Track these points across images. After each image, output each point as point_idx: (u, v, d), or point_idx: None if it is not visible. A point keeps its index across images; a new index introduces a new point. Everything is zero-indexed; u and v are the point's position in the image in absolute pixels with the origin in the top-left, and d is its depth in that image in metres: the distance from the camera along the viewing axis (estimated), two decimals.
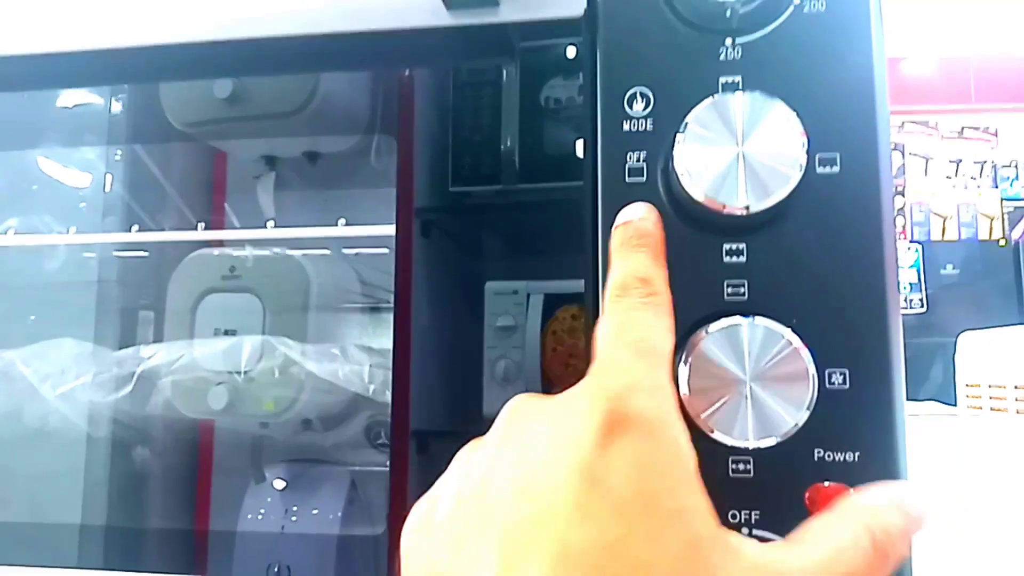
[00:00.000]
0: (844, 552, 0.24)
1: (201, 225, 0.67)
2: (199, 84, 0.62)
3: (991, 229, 3.59)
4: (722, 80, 0.32)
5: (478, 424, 0.63)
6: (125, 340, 0.69)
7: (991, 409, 1.43)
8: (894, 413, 0.29)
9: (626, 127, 0.32)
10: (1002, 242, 3.47)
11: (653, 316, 0.27)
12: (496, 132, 0.62)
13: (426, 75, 0.63)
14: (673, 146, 0.30)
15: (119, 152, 0.71)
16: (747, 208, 0.29)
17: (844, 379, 0.29)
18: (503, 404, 0.65)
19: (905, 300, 3.28)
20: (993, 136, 3.69)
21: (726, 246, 0.31)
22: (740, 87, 0.31)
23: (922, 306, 3.31)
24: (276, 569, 0.58)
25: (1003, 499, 1.00)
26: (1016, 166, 3.66)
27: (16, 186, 0.71)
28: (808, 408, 0.27)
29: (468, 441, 0.68)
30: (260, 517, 0.66)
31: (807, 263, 0.30)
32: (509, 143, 0.61)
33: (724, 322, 0.29)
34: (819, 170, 0.30)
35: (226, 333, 0.64)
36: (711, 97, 0.30)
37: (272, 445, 0.70)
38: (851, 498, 0.26)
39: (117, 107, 0.70)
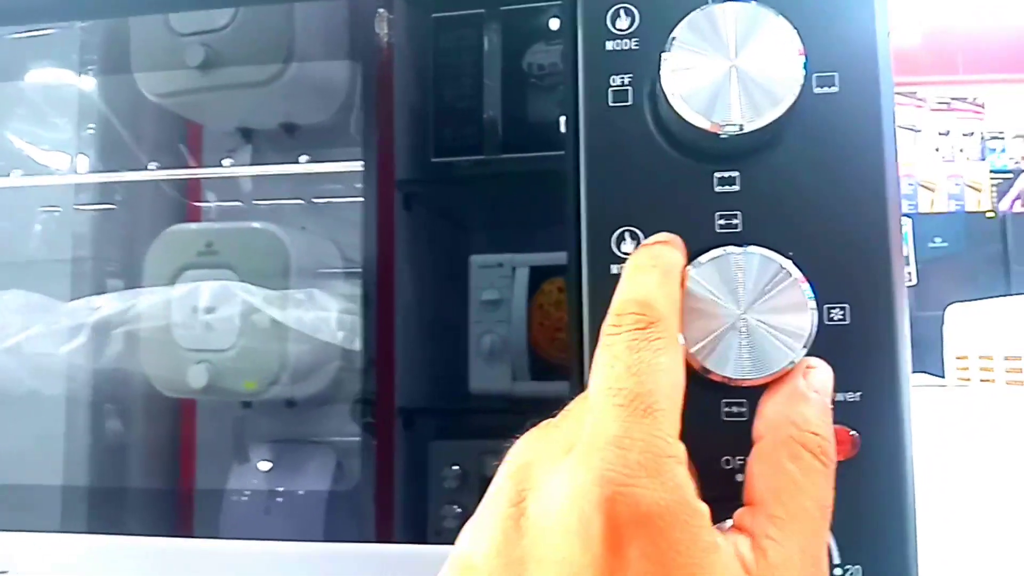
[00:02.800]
0: (801, 488, 0.24)
1: (154, 164, 0.64)
2: (170, 53, 0.60)
3: (979, 201, 3.61)
4: None
5: (464, 400, 0.63)
6: None
7: (980, 381, 1.44)
8: (897, 350, 0.27)
9: (609, 47, 0.30)
10: (990, 214, 3.48)
11: (651, 355, 0.24)
12: (478, 100, 0.60)
13: (405, 42, 0.61)
14: (660, 65, 0.28)
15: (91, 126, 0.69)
16: (740, 127, 0.27)
17: (844, 314, 0.27)
18: (489, 379, 0.64)
19: None
20: (980, 107, 3.69)
21: (718, 174, 0.29)
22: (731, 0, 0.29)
23: (911, 279, 3.32)
24: None
25: (992, 471, 1.01)
26: (1003, 137, 3.67)
27: None
28: (807, 344, 0.25)
29: (453, 419, 0.67)
30: (245, 498, 0.65)
31: (804, 191, 0.28)
32: (491, 112, 0.60)
33: (715, 252, 0.27)
34: (816, 90, 0.29)
35: (206, 312, 0.62)
36: (700, 8, 0.28)
37: (255, 423, 0.69)
38: (765, 419, 0.25)
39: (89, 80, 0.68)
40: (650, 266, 0.26)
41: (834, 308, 0.28)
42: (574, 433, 0.24)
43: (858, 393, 0.27)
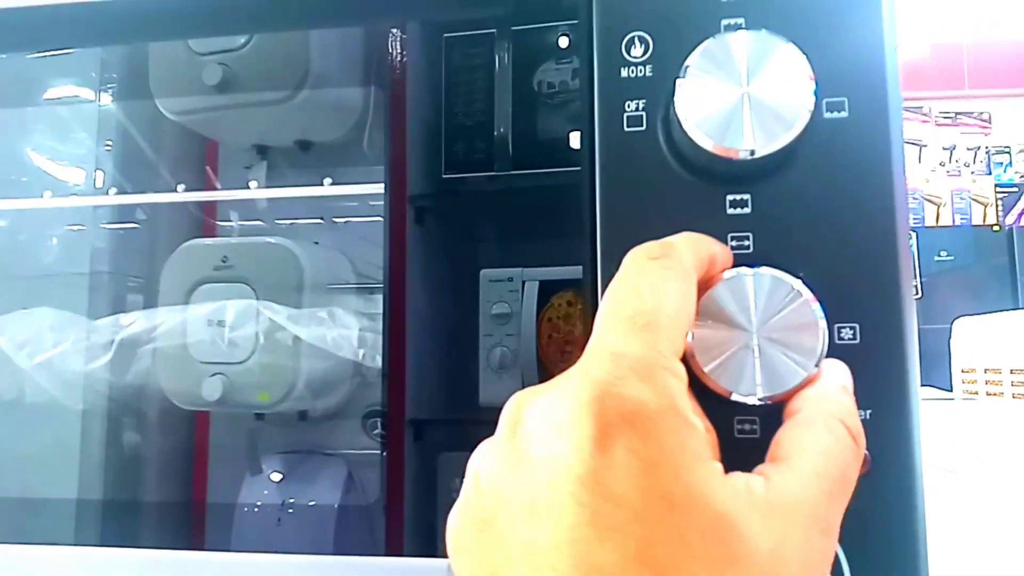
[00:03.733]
0: (831, 452, 0.24)
1: (182, 187, 0.66)
2: (189, 72, 0.61)
3: (985, 215, 3.60)
4: (724, 22, 0.30)
5: (474, 412, 0.63)
6: None
7: (987, 394, 1.44)
8: (906, 369, 0.28)
9: (624, 74, 0.31)
10: (996, 227, 3.48)
11: (659, 280, 0.25)
12: (489, 117, 0.61)
13: (419, 61, 0.62)
14: (674, 91, 0.29)
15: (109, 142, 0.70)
16: (752, 152, 0.28)
17: (854, 334, 0.28)
18: (499, 392, 0.64)
19: None
20: (986, 122, 3.69)
21: (730, 197, 0.29)
22: (743, 29, 0.30)
23: (917, 293, 3.31)
24: None
25: (1000, 483, 1.00)
26: (1009, 151, 3.67)
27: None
28: (818, 363, 0.26)
29: (464, 431, 0.68)
30: (256, 510, 0.65)
31: (814, 214, 0.29)
32: (502, 129, 0.61)
33: (728, 273, 0.27)
34: (826, 115, 0.29)
35: (219, 324, 0.63)
36: (713, 37, 0.29)
37: (268, 434, 0.70)
38: (806, 396, 0.26)
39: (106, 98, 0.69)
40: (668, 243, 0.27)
41: (844, 327, 0.28)
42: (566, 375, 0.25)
43: (868, 411, 0.28)
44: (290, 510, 0.65)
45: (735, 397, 0.26)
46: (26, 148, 0.71)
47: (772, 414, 0.27)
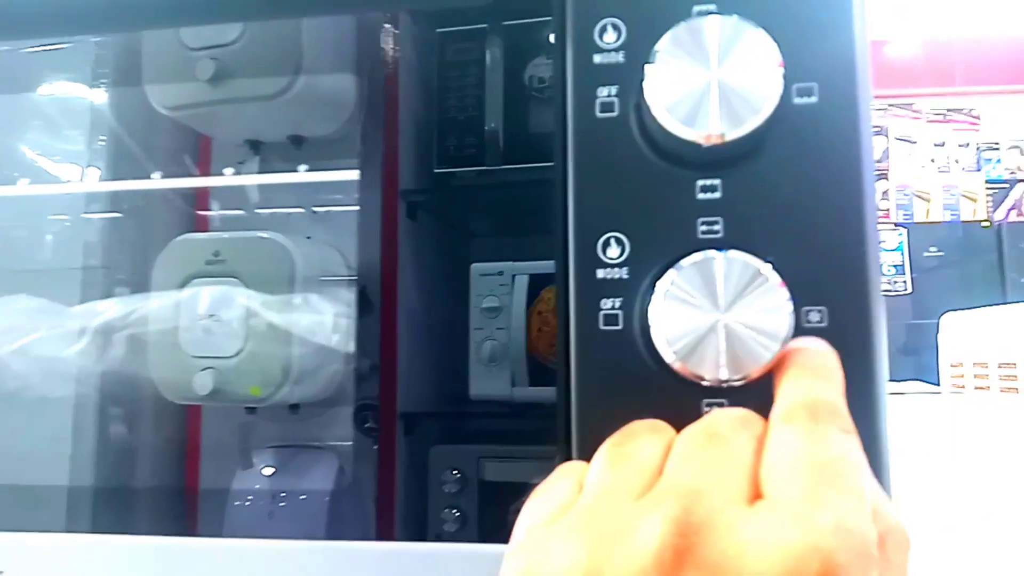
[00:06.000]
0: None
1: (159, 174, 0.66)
2: (181, 67, 0.61)
3: (974, 211, 3.62)
4: (696, 8, 0.30)
5: (465, 405, 0.64)
6: None
7: (975, 388, 1.45)
8: (873, 352, 0.28)
9: (597, 60, 0.31)
10: (985, 223, 3.50)
11: (858, 454, 0.23)
12: (480, 112, 0.62)
13: (410, 56, 0.63)
14: (644, 76, 0.29)
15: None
16: (722, 136, 0.28)
17: (822, 317, 0.28)
18: (489, 385, 0.65)
19: (890, 282, 3.31)
20: (976, 119, 3.71)
21: (700, 182, 0.29)
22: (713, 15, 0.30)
23: (906, 288, 3.33)
24: None
25: (987, 477, 1.01)
26: (999, 148, 3.69)
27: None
28: (783, 345, 0.26)
29: (454, 423, 0.68)
30: (248, 503, 0.66)
31: (783, 198, 0.29)
32: (493, 124, 0.61)
33: (696, 256, 0.27)
34: (796, 100, 0.29)
35: (211, 318, 0.63)
36: (682, 22, 0.29)
37: (259, 428, 0.70)
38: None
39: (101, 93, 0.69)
40: (827, 372, 0.26)
41: (812, 311, 0.28)
42: (750, 469, 0.23)
43: None
44: (281, 503, 0.65)
45: (702, 379, 0.27)
46: (17, 143, 0.71)
47: (740, 395, 0.27)
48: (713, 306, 0.27)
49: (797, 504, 0.21)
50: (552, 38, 0.34)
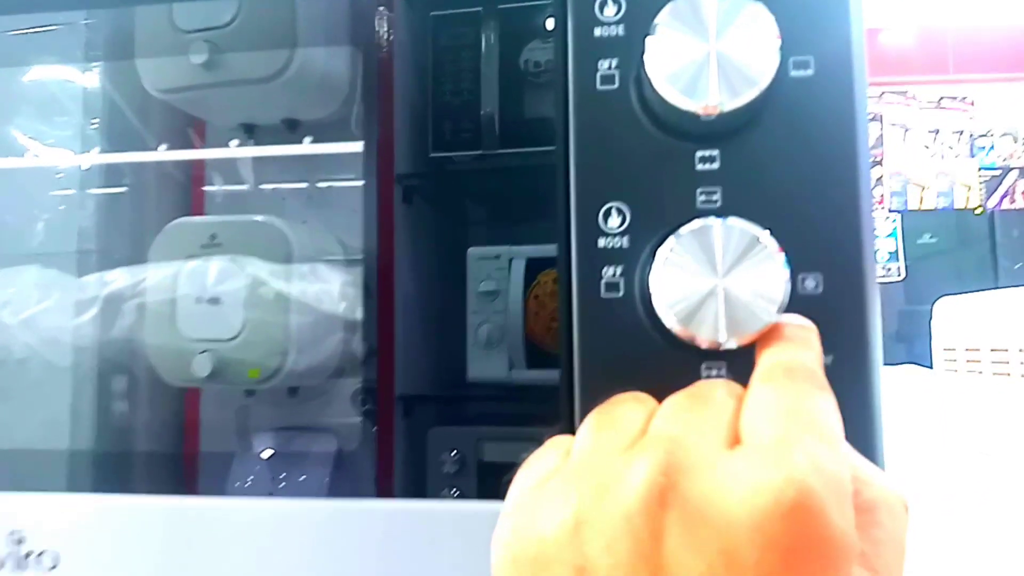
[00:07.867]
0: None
1: (163, 147, 0.66)
2: (174, 49, 0.61)
3: (968, 198, 3.64)
4: None
5: (462, 388, 0.64)
6: None
7: (967, 372, 1.46)
8: (867, 318, 0.29)
9: (597, 33, 0.32)
10: (978, 210, 3.52)
11: (834, 410, 0.24)
12: (476, 97, 0.62)
13: (405, 39, 0.63)
14: (644, 49, 0.29)
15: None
16: (720, 107, 0.28)
17: (817, 284, 0.29)
18: (486, 368, 0.65)
19: (884, 268, 3.32)
20: (970, 106, 3.72)
21: (699, 153, 0.30)
22: None
23: (900, 274, 3.35)
24: None
25: (979, 458, 1.02)
26: (992, 135, 3.70)
27: None
28: (780, 309, 0.27)
29: (453, 406, 0.68)
30: (247, 486, 0.66)
31: (780, 169, 0.30)
32: (489, 108, 0.61)
33: (696, 223, 0.28)
34: (793, 73, 0.30)
35: (209, 302, 0.63)
36: None
37: (258, 411, 0.71)
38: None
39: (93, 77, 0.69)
40: (812, 344, 0.27)
41: (808, 277, 0.29)
42: (730, 422, 0.24)
43: (830, 356, 0.29)
44: (280, 485, 0.66)
45: (701, 342, 0.27)
46: (9, 126, 0.70)
47: (738, 358, 0.28)
48: (712, 272, 0.27)
49: (773, 446, 0.23)
50: (550, 20, 0.34)
